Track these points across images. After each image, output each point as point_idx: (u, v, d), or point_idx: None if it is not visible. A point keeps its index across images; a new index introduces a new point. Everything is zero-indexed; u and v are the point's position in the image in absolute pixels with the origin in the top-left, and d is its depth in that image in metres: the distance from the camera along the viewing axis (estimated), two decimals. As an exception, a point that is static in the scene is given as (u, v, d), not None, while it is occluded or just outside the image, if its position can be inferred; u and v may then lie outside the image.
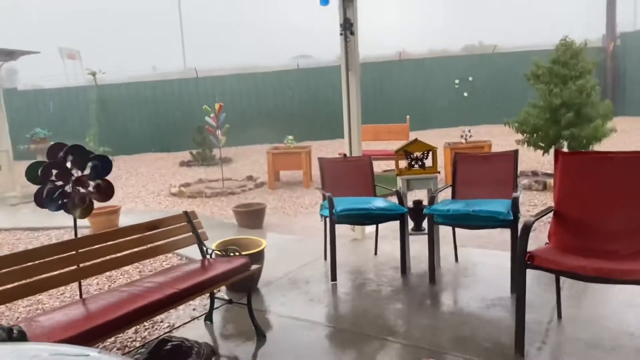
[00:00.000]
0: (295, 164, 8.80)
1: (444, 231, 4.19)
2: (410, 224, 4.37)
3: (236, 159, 12.38)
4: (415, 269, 4.20)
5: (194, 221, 3.44)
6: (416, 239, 4.42)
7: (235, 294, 3.70)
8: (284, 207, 7.35)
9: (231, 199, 7.98)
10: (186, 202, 8.01)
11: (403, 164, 4.39)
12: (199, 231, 3.42)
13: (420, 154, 4.33)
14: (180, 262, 4.15)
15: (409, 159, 4.35)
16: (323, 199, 4.48)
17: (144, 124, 15.02)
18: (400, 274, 4.10)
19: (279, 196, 8.08)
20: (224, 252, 3.38)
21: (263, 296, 3.83)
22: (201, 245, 3.40)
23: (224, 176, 9.24)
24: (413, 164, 4.35)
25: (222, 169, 9.50)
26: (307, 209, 7.16)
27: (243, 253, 3.41)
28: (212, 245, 3.59)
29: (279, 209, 7.28)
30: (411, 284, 3.97)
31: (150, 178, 10.65)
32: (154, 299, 2.61)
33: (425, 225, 4.16)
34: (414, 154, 4.34)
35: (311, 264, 4.50)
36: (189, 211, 3.48)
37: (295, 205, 7.48)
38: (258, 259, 3.78)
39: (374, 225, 4.46)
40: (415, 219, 4.35)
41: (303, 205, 7.41)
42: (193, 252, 3.64)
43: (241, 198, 8.00)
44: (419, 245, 4.43)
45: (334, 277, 4.04)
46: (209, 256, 3.35)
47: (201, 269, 3.12)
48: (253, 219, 6.04)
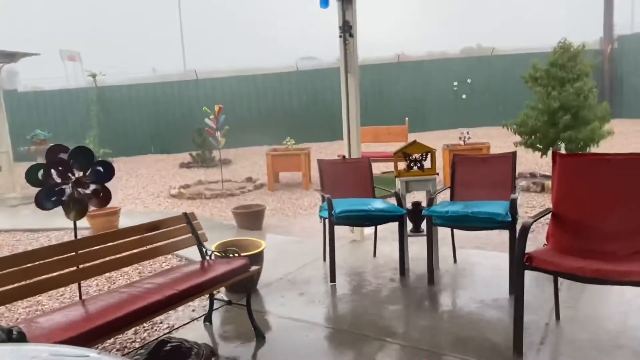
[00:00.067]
0: (294, 165, 8.81)
1: (443, 232, 4.20)
2: (409, 226, 4.39)
3: (236, 160, 12.38)
4: (414, 270, 4.21)
5: (194, 222, 3.44)
6: (415, 240, 4.44)
7: (234, 295, 3.71)
8: (283, 209, 7.36)
9: (231, 201, 7.98)
10: (186, 204, 8.01)
11: (402, 165, 4.41)
12: (198, 232, 3.43)
13: (419, 155, 4.35)
14: (179, 264, 4.16)
15: (408, 161, 4.36)
16: (322, 201, 4.49)
17: (144, 125, 15.01)
18: (399, 275, 4.11)
19: (278, 198, 8.08)
20: (223, 254, 3.39)
21: (262, 297, 3.84)
22: (201, 246, 3.40)
23: (223, 178, 9.24)
24: (412, 165, 4.36)
25: (222, 170, 9.50)
26: (306, 211, 7.17)
27: (242, 254, 3.42)
28: (211, 247, 3.60)
29: (278, 210, 7.29)
30: (410, 285, 3.98)
31: (150, 179, 10.65)
32: (154, 300, 2.62)
33: (424, 226, 4.17)
34: (412, 155, 4.35)
35: (310, 265, 4.51)
36: (188, 212, 3.48)
37: (294, 206, 7.48)
38: (257, 260, 3.79)
39: (373, 226, 4.46)
40: (414, 220, 4.37)
41: (302, 207, 7.42)
42: (192, 253, 3.65)
43: (240, 199, 8.00)
44: (417, 246, 4.44)
45: (333, 278, 4.04)
46: (208, 257, 3.36)
47: (201, 270, 3.13)
48: (252, 220, 6.05)
